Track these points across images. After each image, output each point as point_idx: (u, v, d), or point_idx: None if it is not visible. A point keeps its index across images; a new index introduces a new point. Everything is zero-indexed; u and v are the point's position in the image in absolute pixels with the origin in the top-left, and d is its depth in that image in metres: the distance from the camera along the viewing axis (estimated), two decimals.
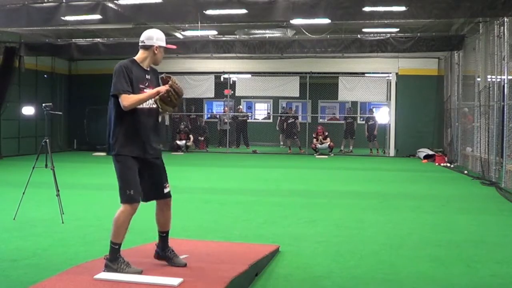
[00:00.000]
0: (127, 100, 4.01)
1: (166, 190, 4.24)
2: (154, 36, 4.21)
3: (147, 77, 4.21)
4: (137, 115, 4.10)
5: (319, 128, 19.02)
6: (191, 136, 19.83)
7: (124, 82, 4.05)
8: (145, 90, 4.14)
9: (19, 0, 12.32)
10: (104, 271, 3.99)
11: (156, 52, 4.20)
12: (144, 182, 4.15)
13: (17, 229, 6.17)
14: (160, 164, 4.28)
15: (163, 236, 4.32)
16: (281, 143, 22.76)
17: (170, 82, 4.13)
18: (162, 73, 4.36)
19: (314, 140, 18.93)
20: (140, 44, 4.26)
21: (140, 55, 4.25)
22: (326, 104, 24.76)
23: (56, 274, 4.07)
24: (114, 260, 4.01)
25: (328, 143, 18.75)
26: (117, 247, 4.03)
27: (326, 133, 19.00)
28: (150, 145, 4.18)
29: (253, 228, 6.54)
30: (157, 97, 4.09)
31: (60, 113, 14.24)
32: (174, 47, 4.57)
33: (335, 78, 19.65)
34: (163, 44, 4.25)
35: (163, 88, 4.10)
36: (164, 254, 4.31)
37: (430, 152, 17.04)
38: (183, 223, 6.79)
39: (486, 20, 12.57)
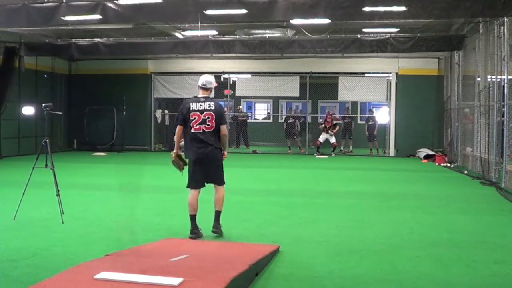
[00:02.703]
0: None
1: None
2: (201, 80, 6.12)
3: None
4: None
5: (328, 115, 18.92)
6: None
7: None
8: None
9: (19, 0, 12.32)
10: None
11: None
12: None
13: (17, 229, 6.18)
14: None
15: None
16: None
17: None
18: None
19: (323, 131, 18.74)
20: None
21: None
22: (326, 104, 24.76)
23: (56, 274, 4.07)
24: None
25: (336, 129, 18.68)
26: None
27: (335, 122, 18.94)
28: None
29: (253, 228, 6.54)
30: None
31: (60, 113, 14.27)
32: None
33: (335, 78, 19.65)
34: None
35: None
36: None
37: (430, 152, 17.04)
38: (183, 223, 6.79)
39: (486, 20, 12.55)
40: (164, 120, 20.88)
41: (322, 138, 18.82)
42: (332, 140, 18.75)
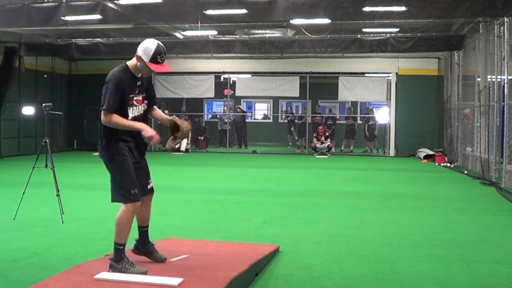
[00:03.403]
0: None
1: (149, 186, 4.48)
2: (141, 47, 4.25)
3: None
4: None
5: (320, 128, 19.02)
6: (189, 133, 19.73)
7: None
8: (134, 98, 4.29)
9: (19, 0, 12.32)
10: (109, 271, 4.00)
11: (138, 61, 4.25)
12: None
13: (17, 229, 6.18)
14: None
15: (144, 230, 4.46)
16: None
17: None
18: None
19: (315, 139, 18.92)
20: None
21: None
22: (326, 104, 24.78)
23: (56, 274, 4.07)
24: (119, 261, 4.03)
25: (328, 143, 18.77)
26: (121, 247, 4.07)
27: (327, 134, 19.02)
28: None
29: (253, 228, 6.53)
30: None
31: (60, 113, 14.25)
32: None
33: (335, 78, 19.64)
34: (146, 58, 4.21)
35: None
36: (145, 249, 4.43)
37: (430, 152, 17.04)
38: (183, 223, 6.80)
39: (486, 20, 12.56)
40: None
41: (318, 145, 18.87)
42: (324, 146, 18.76)
